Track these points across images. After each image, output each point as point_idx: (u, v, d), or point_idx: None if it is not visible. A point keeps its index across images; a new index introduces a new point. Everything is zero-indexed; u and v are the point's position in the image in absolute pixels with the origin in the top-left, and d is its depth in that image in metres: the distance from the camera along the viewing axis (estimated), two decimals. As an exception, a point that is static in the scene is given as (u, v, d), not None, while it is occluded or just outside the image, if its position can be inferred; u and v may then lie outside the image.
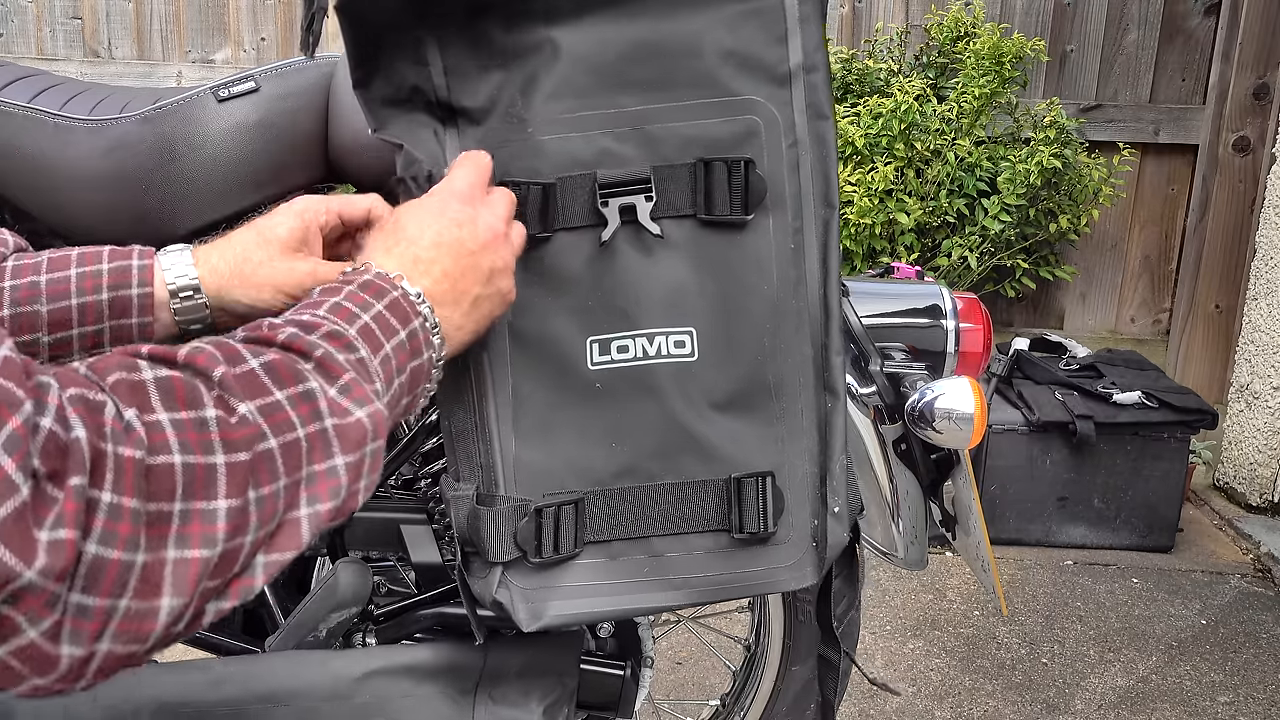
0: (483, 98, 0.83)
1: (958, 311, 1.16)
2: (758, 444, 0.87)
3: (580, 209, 0.83)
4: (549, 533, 0.85)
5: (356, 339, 0.65)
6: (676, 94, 0.83)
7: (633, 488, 0.86)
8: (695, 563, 0.87)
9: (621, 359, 0.84)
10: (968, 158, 2.91)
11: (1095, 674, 2.13)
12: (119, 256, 0.82)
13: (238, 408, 0.56)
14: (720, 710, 1.46)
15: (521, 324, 0.84)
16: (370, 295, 0.69)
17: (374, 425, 0.62)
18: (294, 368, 0.60)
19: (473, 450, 0.86)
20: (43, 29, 3.53)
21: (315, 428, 0.59)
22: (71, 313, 0.80)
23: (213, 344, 0.59)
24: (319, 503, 0.59)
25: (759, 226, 0.85)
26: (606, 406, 0.85)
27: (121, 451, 0.50)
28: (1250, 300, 2.95)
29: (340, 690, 0.94)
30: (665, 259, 0.84)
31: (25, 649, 0.48)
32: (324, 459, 0.59)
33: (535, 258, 0.83)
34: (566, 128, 0.83)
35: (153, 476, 0.51)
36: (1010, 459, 2.62)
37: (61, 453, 0.48)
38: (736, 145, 0.84)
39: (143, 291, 0.82)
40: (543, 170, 0.83)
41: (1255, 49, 3.16)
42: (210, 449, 0.54)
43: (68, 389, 0.50)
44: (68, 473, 0.48)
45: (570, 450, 0.86)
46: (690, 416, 0.85)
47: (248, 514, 0.55)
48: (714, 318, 0.85)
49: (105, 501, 0.49)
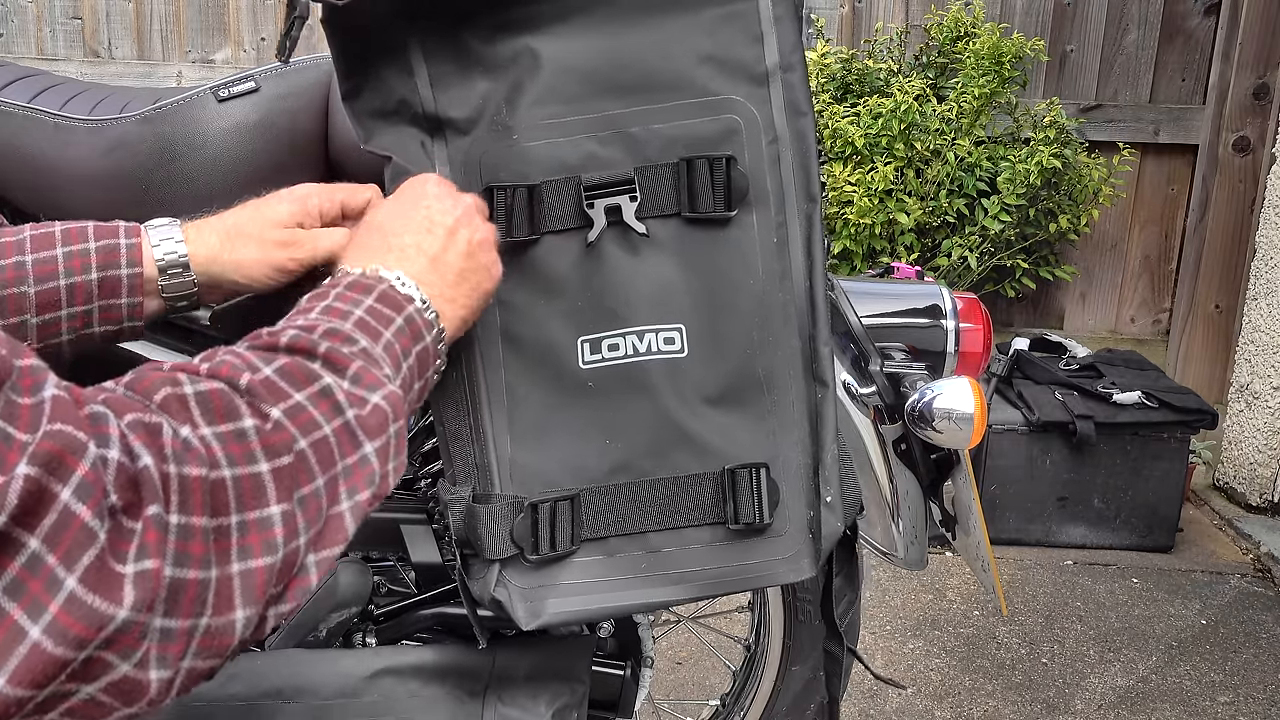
0: (469, 108, 0.85)
1: (958, 311, 1.16)
2: (750, 437, 0.88)
3: (567, 211, 0.84)
4: (545, 529, 0.85)
5: (355, 331, 0.66)
6: (657, 96, 0.85)
7: (627, 484, 0.87)
8: (692, 557, 0.88)
9: (612, 357, 0.86)
10: (968, 158, 2.91)
11: (1095, 674, 2.13)
12: (105, 234, 0.81)
13: (270, 413, 0.57)
14: (720, 710, 1.46)
15: (513, 326, 0.86)
16: (358, 293, 0.70)
17: (392, 407, 0.63)
18: (305, 368, 0.61)
19: (468, 452, 0.87)
20: (43, 29, 3.53)
21: (339, 422, 0.60)
22: (60, 294, 0.79)
23: (229, 353, 0.60)
24: (358, 493, 0.60)
25: (743, 222, 0.87)
26: (599, 405, 0.86)
27: (187, 471, 0.51)
28: (1250, 300, 2.95)
29: (349, 689, 0.94)
30: (652, 257, 0.86)
31: (118, 683, 0.49)
32: (354, 450, 0.61)
33: (524, 261, 0.85)
34: (551, 133, 0.84)
35: (213, 492, 0.52)
36: (1010, 459, 2.62)
37: (133, 484, 0.48)
38: (718, 143, 0.86)
39: (132, 272, 0.81)
40: (529, 175, 0.84)
41: (1255, 49, 3.16)
42: (254, 458, 0.54)
43: (124, 416, 0.50)
44: (143, 503, 0.48)
45: (564, 449, 0.87)
46: (683, 412, 0.86)
47: (296, 516, 0.56)
48: (702, 314, 0.86)
49: (175, 523, 0.50)
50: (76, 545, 0.45)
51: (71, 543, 0.45)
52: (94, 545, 0.46)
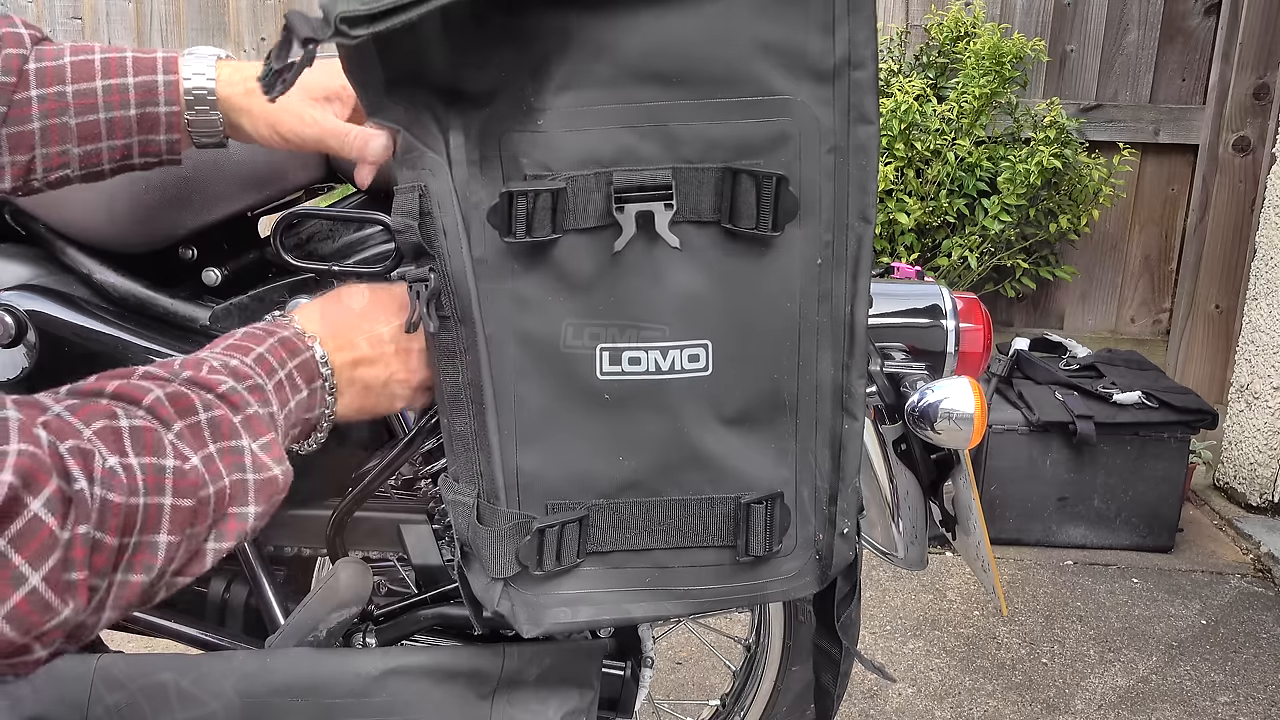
0: (488, 81, 0.76)
1: (958, 311, 1.16)
2: (767, 461, 0.84)
3: (593, 211, 0.76)
4: (551, 548, 0.82)
5: (272, 395, 0.72)
6: (704, 89, 0.75)
7: (638, 502, 0.83)
8: (698, 576, 0.85)
9: (633, 371, 0.79)
10: (968, 158, 2.91)
11: (1095, 674, 2.13)
12: (144, 69, 0.83)
13: (190, 459, 0.63)
14: (720, 710, 1.46)
15: (528, 327, 0.79)
16: (287, 353, 0.76)
17: (285, 481, 0.71)
18: (231, 423, 0.68)
19: (472, 458, 0.83)
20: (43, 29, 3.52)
21: (238, 477, 0.67)
22: (100, 126, 0.81)
23: (170, 396, 0.65)
24: (225, 540, 0.67)
25: (786, 239, 0.79)
26: (615, 419, 0.81)
27: (110, 497, 0.57)
28: (1250, 300, 2.95)
29: (357, 688, 0.94)
30: (683, 268, 0.78)
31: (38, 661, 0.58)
32: (240, 505, 0.67)
33: (544, 259, 0.78)
34: (581, 121, 0.76)
35: (126, 515, 0.59)
36: (1010, 459, 2.62)
37: (68, 503, 0.55)
38: (768, 150, 0.77)
39: (170, 110, 0.83)
40: (555, 165, 0.76)
41: (1255, 49, 3.16)
42: (164, 491, 0.61)
43: (65, 442, 0.56)
44: (76, 521, 0.55)
45: (574, 461, 0.82)
46: (700, 433, 0.81)
47: (178, 548, 0.63)
48: (731, 331, 0.80)
49: (95, 538, 0.57)
50: (44, 549, 0.53)
51: (40, 547, 0.53)
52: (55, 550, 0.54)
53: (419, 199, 0.78)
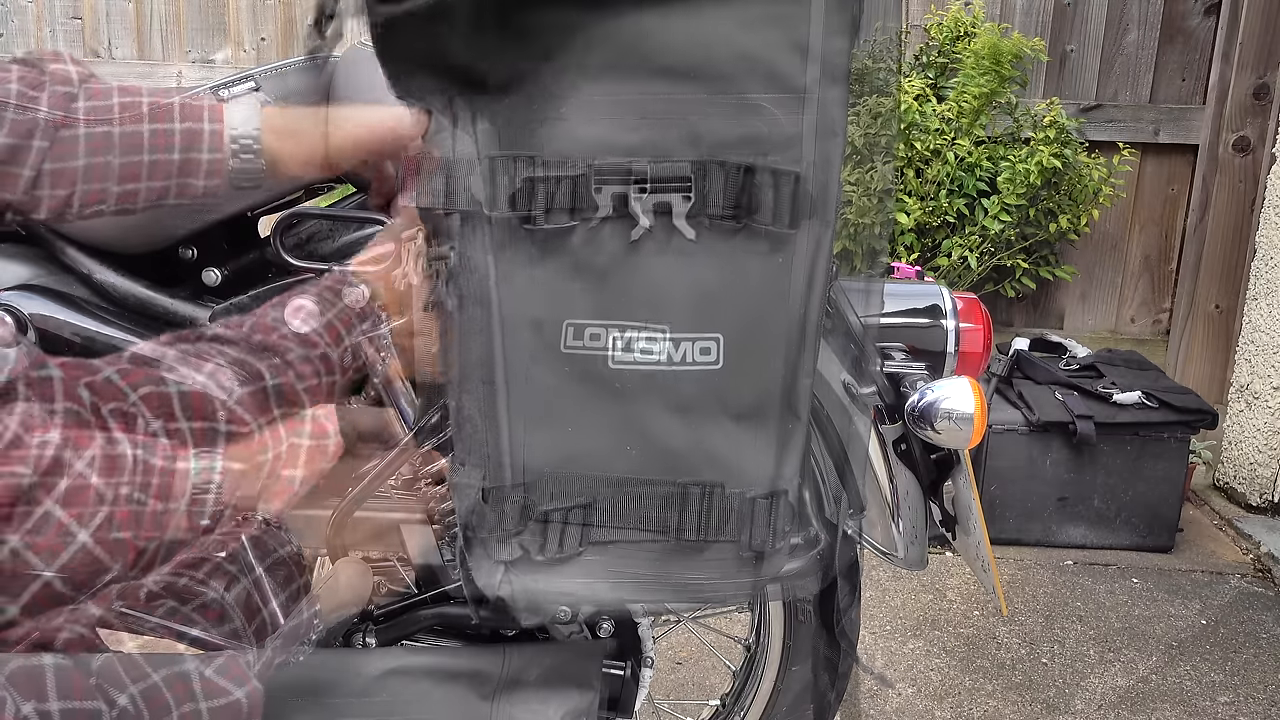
0: (512, 70, 0.77)
1: (958, 311, 1.16)
2: (772, 458, 0.84)
3: (610, 201, 0.78)
4: (554, 534, 0.83)
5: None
6: (724, 84, 0.76)
7: (643, 493, 0.83)
8: (700, 568, 0.86)
9: (645, 360, 0.80)
10: (968, 158, 2.91)
11: (1095, 674, 2.13)
12: (190, 116, 0.84)
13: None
14: (720, 710, 1.46)
15: (542, 312, 0.80)
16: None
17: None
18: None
19: (480, 440, 0.84)
20: (43, 29, 3.52)
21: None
22: (141, 168, 0.82)
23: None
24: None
25: (798, 236, 0.80)
26: (625, 407, 0.82)
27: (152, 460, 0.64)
28: (1250, 300, 2.95)
29: (359, 688, 0.94)
30: (698, 260, 0.80)
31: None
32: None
33: (561, 246, 0.79)
34: (602, 112, 0.77)
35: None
36: (1010, 459, 2.62)
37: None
38: (786, 146, 0.78)
39: (213, 157, 0.84)
40: (573, 154, 0.78)
41: (1255, 49, 3.16)
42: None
43: (108, 404, 0.62)
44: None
45: (582, 448, 0.83)
46: (709, 426, 0.82)
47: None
48: (743, 327, 0.81)
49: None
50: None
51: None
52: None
53: (445, 179, 0.80)
